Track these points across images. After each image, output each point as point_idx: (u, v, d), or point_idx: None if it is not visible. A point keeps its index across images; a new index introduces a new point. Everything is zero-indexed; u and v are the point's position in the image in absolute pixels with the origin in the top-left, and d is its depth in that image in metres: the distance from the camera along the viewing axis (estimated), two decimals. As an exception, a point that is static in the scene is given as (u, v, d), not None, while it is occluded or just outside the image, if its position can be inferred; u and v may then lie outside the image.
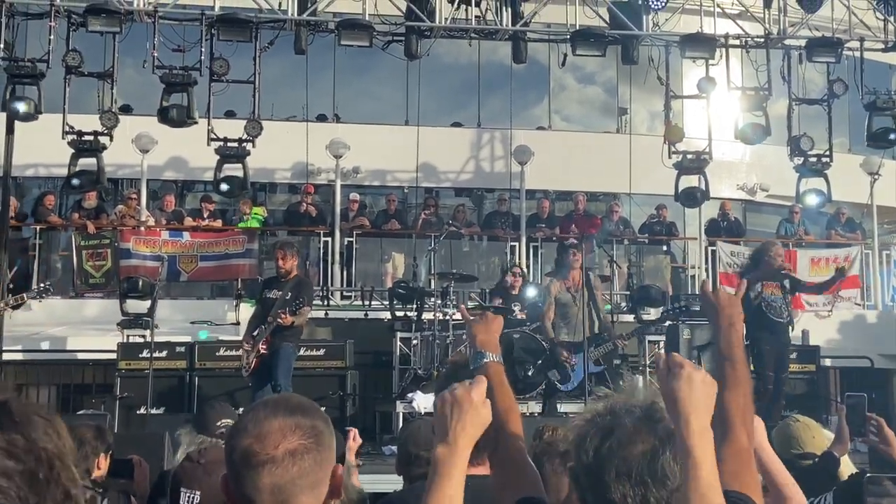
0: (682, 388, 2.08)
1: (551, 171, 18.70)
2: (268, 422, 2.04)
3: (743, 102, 14.05)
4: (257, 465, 1.99)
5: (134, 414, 11.27)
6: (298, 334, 10.17)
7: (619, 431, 2.17)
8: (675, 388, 2.09)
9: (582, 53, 13.95)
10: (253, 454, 1.99)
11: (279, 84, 17.65)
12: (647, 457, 2.13)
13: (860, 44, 14.12)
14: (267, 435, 2.01)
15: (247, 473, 2.00)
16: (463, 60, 19.12)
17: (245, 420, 2.09)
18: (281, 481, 1.99)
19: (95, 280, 14.68)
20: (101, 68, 13.11)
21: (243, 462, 2.01)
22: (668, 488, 2.11)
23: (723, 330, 2.81)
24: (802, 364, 12.32)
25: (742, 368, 2.69)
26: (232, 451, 2.05)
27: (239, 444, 2.03)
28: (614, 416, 2.21)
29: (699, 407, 2.08)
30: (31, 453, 1.41)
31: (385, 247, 16.78)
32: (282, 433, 2.01)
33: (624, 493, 2.12)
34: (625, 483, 2.12)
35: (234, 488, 2.03)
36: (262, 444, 2.00)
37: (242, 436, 2.03)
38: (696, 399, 2.08)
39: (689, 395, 2.08)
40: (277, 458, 1.99)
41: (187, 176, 18.52)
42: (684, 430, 2.06)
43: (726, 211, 17.22)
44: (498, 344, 2.87)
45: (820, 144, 14.08)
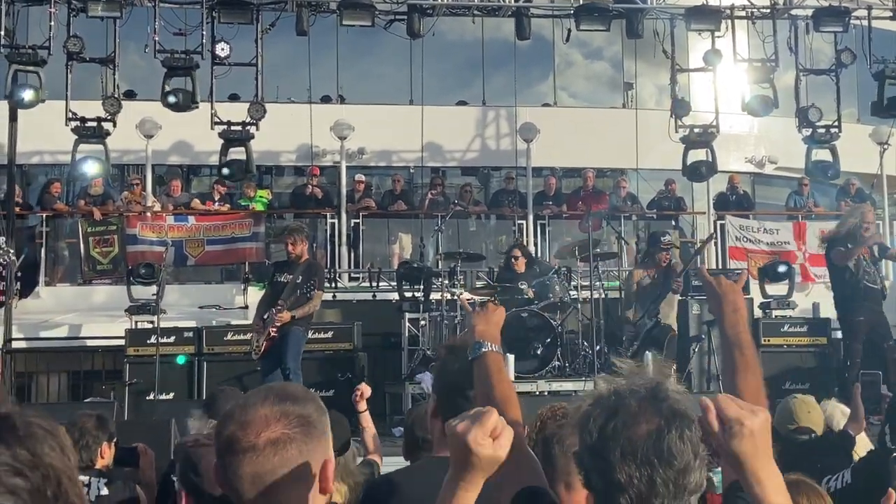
0: (745, 446, 1.95)
1: (557, 148, 18.60)
2: (254, 409, 1.99)
3: (750, 74, 13.91)
4: (238, 452, 1.95)
5: (143, 400, 11.28)
6: (309, 317, 10.14)
7: (623, 412, 2.09)
8: (736, 447, 1.95)
9: (586, 28, 13.84)
10: (235, 441, 1.96)
11: (282, 66, 17.58)
12: (652, 437, 2.05)
13: (868, 12, 13.97)
14: (251, 423, 1.97)
15: (229, 460, 1.97)
16: (467, 38, 19.01)
17: (234, 407, 2.05)
18: (261, 470, 1.95)
19: (103, 266, 14.69)
20: (104, 54, 13.05)
21: (226, 449, 1.98)
22: (674, 468, 2.04)
23: (727, 316, 2.77)
24: (813, 337, 12.24)
25: (750, 352, 2.65)
26: (218, 438, 2.02)
27: (224, 430, 2.00)
28: (618, 397, 2.14)
29: (763, 455, 1.96)
30: (38, 469, 1.41)
31: (392, 227, 16.75)
32: (265, 422, 1.97)
33: (630, 473, 2.05)
34: (630, 463, 2.04)
35: (221, 474, 2.00)
36: (244, 432, 1.96)
37: (229, 422, 2.00)
38: (760, 449, 1.96)
39: (754, 450, 1.95)
40: (258, 447, 1.95)
41: (193, 160, 18.50)
42: (758, 490, 1.96)
43: (735, 184, 17.11)
44: (498, 335, 2.82)
45: (828, 115, 13.93)
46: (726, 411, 1.98)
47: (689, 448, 2.04)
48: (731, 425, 1.96)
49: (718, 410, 1.99)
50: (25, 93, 12.30)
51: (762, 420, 1.97)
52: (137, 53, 14.30)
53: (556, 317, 11.49)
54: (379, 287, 14.63)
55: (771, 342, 12.05)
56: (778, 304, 12.84)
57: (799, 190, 16.73)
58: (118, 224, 14.78)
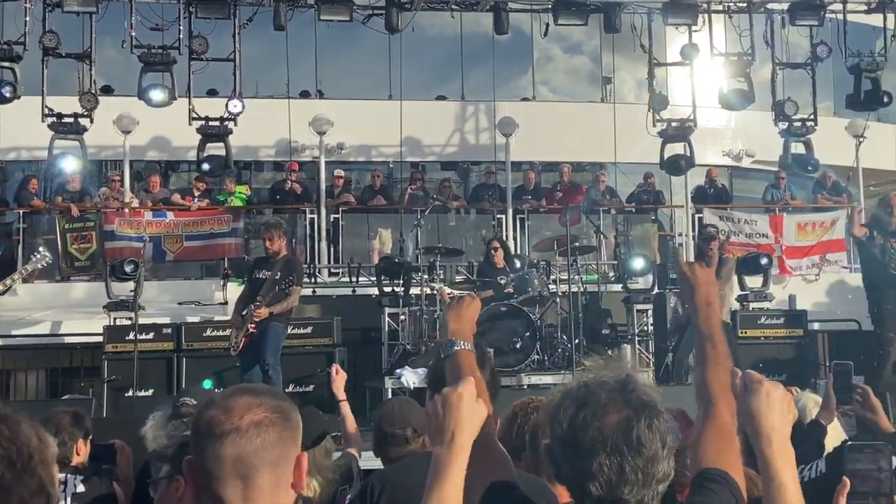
0: (761, 405, 2.10)
1: (537, 143, 18.64)
2: (234, 398, 2.05)
3: (727, 68, 13.99)
4: (221, 434, 1.98)
5: (122, 396, 11.25)
6: (288, 313, 10.13)
7: (592, 402, 2.16)
8: (753, 405, 2.10)
9: (564, 23, 13.87)
10: (217, 423, 2.00)
11: (261, 61, 17.52)
12: (621, 426, 2.12)
13: (843, 6, 14.06)
14: (233, 407, 2.02)
15: (209, 444, 1.99)
16: (446, 33, 19.01)
17: (214, 397, 2.11)
18: (244, 452, 1.98)
19: (81, 263, 14.61)
20: (80, 49, 12.98)
21: (207, 432, 2.00)
22: (643, 457, 2.11)
23: (700, 308, 2.76)
24: (790, 329, 12.36)
25: (722, 346, 2.67)
26: (197, 423, 2.05)
27: (204, 415, 2.03)
28: (588, 390, 2.19)
29: (780, 425, 2.10)
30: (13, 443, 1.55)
31: (371, 223, 16.72)
32: (248, 406, 2.03)
33: (600, 462, 2.10)
34: (600, 452, 2.10)
35: (198, 465, 2.02)
36: (227, 415, 2.00)
37: (210, 408, 2.04)
38: (777, 416, 2.10)
39: (769, 413, 2.10)
40: (242, 428, 1.99)
41: (171, 156, 18.43)
42: (766, 450, 2.08)
43: (713, 178, 17.19)
44: (471, 331, 2.82)
45: (805, 108, 14.03)
46: (752, 375, 2.16)
47: (658, 438, 2.11)
48: (752, 383, 2.13)
49: (745, 376, 2.16)
50: (4, 89, 12.23)
51: (782, 391, 2.14)
52: (114, 48, 14.23)
53: (535, 311, 11.54)
54: (358, 282, 14.63)
55: (748, 334, 12.16)
56: (755, 297, 12.96)
57: (776, 183, 16.83)
58: (96, 220, 14.71)
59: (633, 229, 17.16)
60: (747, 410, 2.11)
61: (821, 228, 15.83)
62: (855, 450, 2.39)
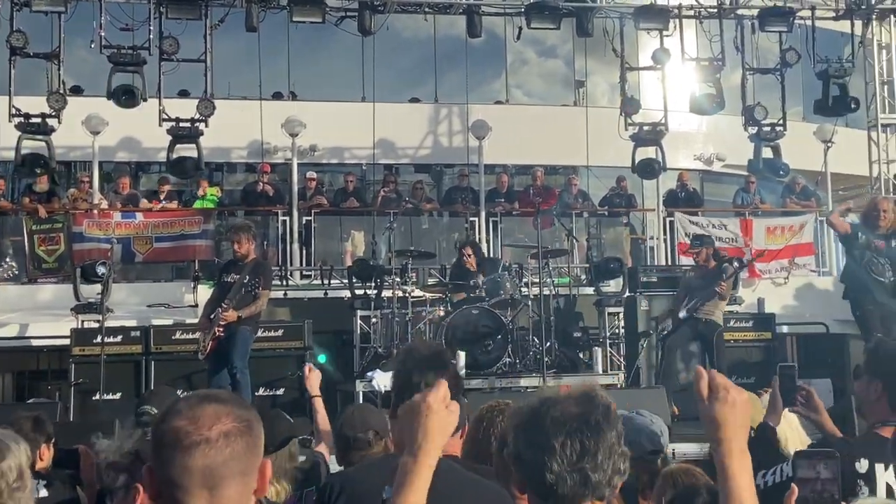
0: (725, 412, 2.11)
1: (510, 146, 18.67)
2: (201, 407, 2.02)
3: (697, 73, 14.09)
4: (190, 446, 1.96)
5: (89, 400, 11.14)
6: (257, 317, 10.06)
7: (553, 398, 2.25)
8: (718, 411, 2.11)
9: (537, 27, 13.92)
10: (185, 434, 1.97)
11: (233, 62, 17.45)
12: (581, 415, 2.17)
13: (812, 12, 14.21)
14: (200, 417, 1.99)
15: (177, 456, 1.97)
16: (420, 35, 19.02)
17: (177, 406, 2.06)
18: (213, 463, 1.96)
19: (48, 265, 14.45)
20: (49, 49, 12.86)
21: (174, 444, 1.97)
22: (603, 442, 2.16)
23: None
24: (759, 332, 12.44)
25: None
26: (162, 435, 2.01)
27: (170, 426, 2.00)
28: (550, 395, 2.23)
29: (740, 430, 2.11)
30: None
31: (344, 225, 16.67)
32: (216, 416, 2.00)
33: (562, 441, 2.14)
34: (561, 431, 2.14)
35: (161, 474, 1.99)
36: (195, 426, 1.98)
37: (174, 418, 2.00)
38: (738, 422, 2.11)
39: (733, 420, 2.11)
40: (211, 439, 1.97)
41: (141, 157, 18.31)
42: (725, 453, 2.09)
43: (684, 181, 17.28)
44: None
45: (774, 113, 14.15)
46: (717, 379, 2.16)
47: (615, 432, 2.18)
48: (718, 390, 2.14)
49: (710, 378, 2.17)
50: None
51: (746, 398, 2.14)
52: (84, 48, 14.12)
53: (507, 313, 11.54)
54: (330, 285, 14.58)
55: (718, 337, 12.19)
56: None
57: (746, 187, 16.95)
58: (64, 222, 14.55)
59: (605, 233, 17.22)
60: (711, 417, 2.12)
61: (790, 232, 15.96)
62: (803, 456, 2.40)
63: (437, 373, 3.01)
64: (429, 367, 3.06)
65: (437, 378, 2.99)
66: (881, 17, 15.03)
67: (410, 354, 3.19)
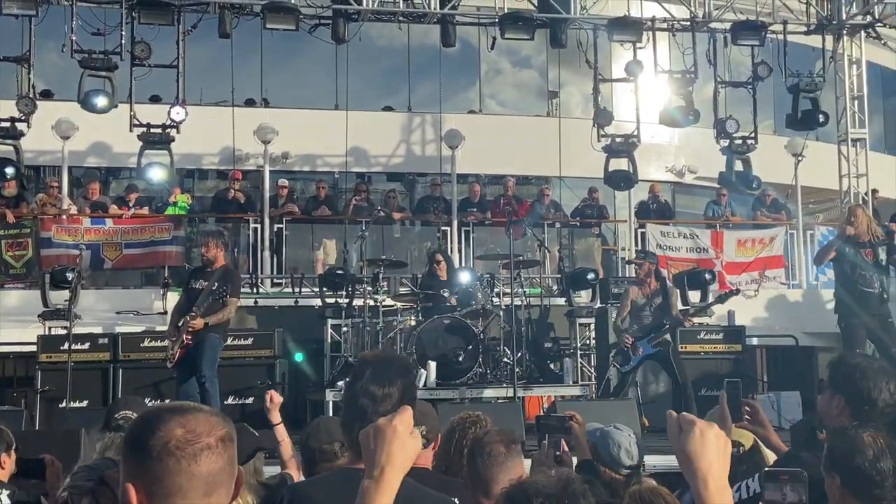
0: (694, 445, 2.08)
1: (482, 155, 18.70)
2: (192, 415, 2.02)
3: (670, 85, 14.17)
4: (195, 453, 1.96)
5: (56, 408, 11.01)
6: (225, 324, 9.99)
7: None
8: (687, 446, 2.09)
9: (511, 37, 13.94)
10: (188, 442, 1.96)
11: (206, 68, 17.34)
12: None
13: (783, 27, 14.33)
14: (197, 425, 1.99)
15: (179, 464, 1.95)
16: (394, 44, 18.99)
17: (162, 415, 2.02)
18: (215, 469, 1.97)
19: (16, 270, 14.28)
20: (19, 52, 12.72)
21: (178, 451, 1.95)
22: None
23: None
24: (728, 344, 12.51)
25: None
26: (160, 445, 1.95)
27: (168, 435, 1.96)
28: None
29: (714, 464, 2.07)
30: None
31: (316, 233, 16.60)
32: (209, 423, 2.01)
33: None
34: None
35: (157, 486, 1.94)
36: (195, 434, 1.97)
37: (168, 426, 1.97)
38: (711, 455, 2.07)
39: (704, 452, 2.07)
40: (212, 446, 1.98)
41: (111, 162, 18.15)
42: (703, 490, 2.06)
43: (656, 193, 17.38)
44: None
45: (746, 126, 14.25)
46: (686, 416, 2.15)
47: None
48: (685, 426, 2.12)
49: (679, 417, 2.15)
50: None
51: (717, 431, 2.12)
52: (55, 52, 13.98)
53: (478, 324, 11.53)
54: (301, 293, 14.51)
55: (688, 349, 12.27)
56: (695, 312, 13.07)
57: (717, 199, 17.07)
58: (32, 227, 14.40)
59: (577, 243, 17.26)
60: (682, 451, 2.10)
61: (760, 245, 16.08)
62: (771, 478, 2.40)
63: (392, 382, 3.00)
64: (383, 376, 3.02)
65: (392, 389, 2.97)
66: (852, 32, 15.19)
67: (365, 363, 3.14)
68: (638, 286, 11.18)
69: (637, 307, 11.03)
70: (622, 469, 4.00)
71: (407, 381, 3.05)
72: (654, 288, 10.97)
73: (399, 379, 3.01)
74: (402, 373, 3.06)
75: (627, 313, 11.02)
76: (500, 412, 9.52)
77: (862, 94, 15.50)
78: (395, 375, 3.01)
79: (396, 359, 3.26)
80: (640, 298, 11.05)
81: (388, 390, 2.96)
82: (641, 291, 11.10)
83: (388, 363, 3.11)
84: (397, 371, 3.05)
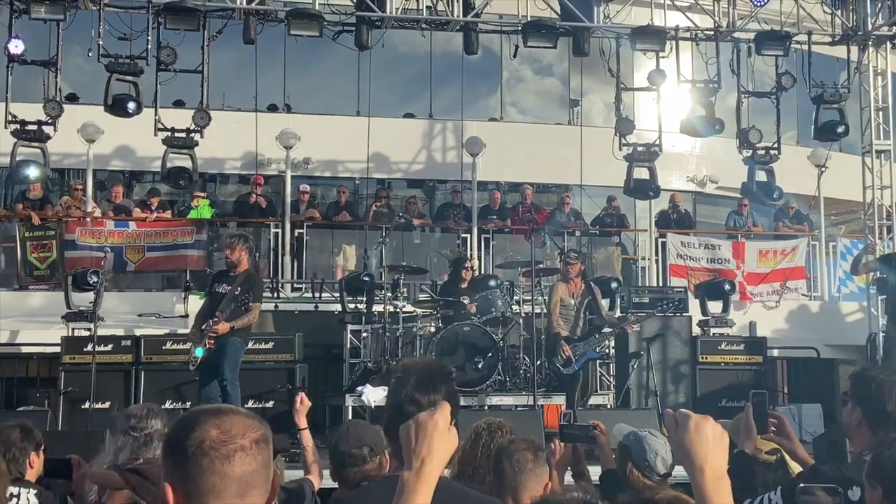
0: (690, 437, 2.12)
1: (503, 163, 18.71)
2: (227, 417, 2.06)
3: (692, 95, 14.14)
4: (229, 454, 2.00)
5: (79, 409, 11.09)
6: (248, 328, 10.04)
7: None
8: (683, 438, 2.12)
9: (533, 45, 13.94)
10: (222, 443, 2.01)
11: (229, 74, 17.43)
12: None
13: (808, 37, 14.28)
14: (233, 427, 2.04)
15: (216, 463, 1.99)
16: (416, 50, 19.04)
17: (198, 417, 2.07)
18: (248, 470, 2.01)
19: (40, 272, 14.40)
20: (46, 56, 12.83)
21: (212, 452, 2.00)
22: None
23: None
24: (749, 355, 12.46)
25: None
26: (196, 445, 2.01)
27: (204, 435, 2.01)
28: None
29: (711, 454, 2.10)
30: None
31: (336, 239, 16.66)
32: (244, 425, 2.05)
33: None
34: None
35: (192, 486, 1.99)
36: (230, 435, 2.02)
37: (203, 428, 2.02)
38: (707, 446, 2.11)
39: (700, 443, 2.11)
40: (246, 447, 2.02)
41: (135, 166, 18.28)
42: (699, 480, 2.09)
43: (676, 203, 17.34)
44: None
45: (769, 137, 14.20)
46: (682, 412, 2.19)
47: None
48: (680, 419, 2.16)
49: (677, 413, 2.19)
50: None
51: (713, 424, 2.15)
52: (82, 56, 14.09)
53: (497, 331, 11.54)
54: (321, 298, 14.56)
55: (708, 359, 12.26)
56: (716, 322, 13.05)
57: (739, 210, 17.01)
58: (57, 229, 14.52)
59: (597, 252, 17.24)
60: (679, 444, 2.14)
61: (781, 256, 16.01)
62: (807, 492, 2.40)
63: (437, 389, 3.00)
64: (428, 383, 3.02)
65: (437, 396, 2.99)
66: (877, 43, 15.10)
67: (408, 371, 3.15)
68: (565, 283, 11.21)
69: (566, 306, 11.06)
70: (655, 476, 4.02)
71: (450, 387, 3.07)
72: (580, 289, 11.01)
73: (443, 386, 3.02)
74: (445, 379, 3.07)
75: (559, 311, 11.06)
76: (520, 420, 9.52)
77: (887, 106, 15.40)
78: (439, 382, 3.01)
79: (439, 366, 3.26)
80: (569, 298, 11.09)
81: (433, 397, 2.95)
82: (569, 290, 11.11)
83: (432, 370, 3.11)
84: (441, 378, 3.06)
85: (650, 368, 11.89)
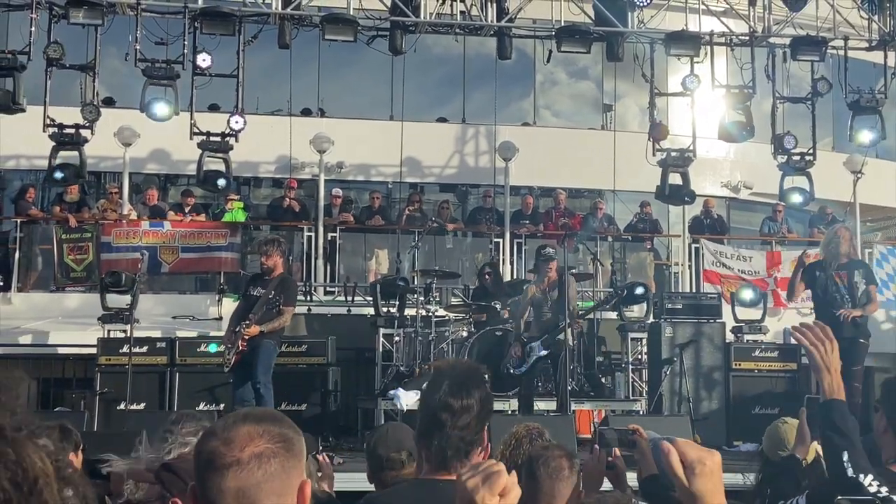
0: (705, 483, 2.05)
1: (536, 168, 18.69)
2: (236, 427, 2.03)
3: (727, 100, 14.04)
4: (222, 467, 1.98)
5: (114, 409, 11.21)
6: (280, 331, 10.12)
7: None
8: (698, 486, 2.05)
9: (567, 50, 13.92)
10: (218, 456, 1.99)
11: (264, 78, 17.55)
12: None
13: (844, 42, 14.14)
14: (234, 438, 2.00)
15: (211, 476, 1.99)
16: (450, 54, 19.07)
17: (214, 426, 2.10)
18: (245, 485, 1.97)
19: (76, 274, 14.58)
20: (84, 60, 12.98)
21: (209, 464, 2.00)
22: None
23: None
24: (784, 362, 12.36)
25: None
26: (199, 455, 2.04)
27: (206, 447, 2.02)
28: None
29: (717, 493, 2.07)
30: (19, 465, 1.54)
31: (369, 242, 16.73)
32: (249, 437, 2.01)
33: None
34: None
35: (200, 493, 2.02)
36: (228, 447, 1.99)
37: (210, 439, 2.03)
38: (717, 487, 2.07)
39: (712, 487, 2.06)
40: (243, 461, 1.98)
41: (170, 169, 18.45)
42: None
43: (710, 208, 17.24)
44: None
45: (804, 142, 14.08)
46: (688, 454, 2.06)
47: None
48: (694, 466, 2.04)
49: (680, 454, 2.06)
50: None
51: (718, 460, 2.08)
52: (118, 60, 14.24)
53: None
54: (354, 301, 14.61)
55: (742, 366, 12.17)
56: (750, 329, 12.96)
57: (773, 216, 16.88)
58: (93, 231, 14.69)
59: (630, 258, 17.18)
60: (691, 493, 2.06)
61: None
62: None
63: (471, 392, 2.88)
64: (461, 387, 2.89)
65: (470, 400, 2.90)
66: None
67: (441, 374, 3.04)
68: (537, 283, 11.09)
69: (536, 303, 10.96)
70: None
71: (485, 392, 2.93)
72: (551, 281, 10.86)
73: (477, 390, 2.89)
74: (479, 383, 2.93)
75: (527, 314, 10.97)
76: (553, 425, 9.48)
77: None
78: (473, 387, 2.89)
79: (473, 369, 3.09)
80: (538, 293, 10.98)
81: (467, 402, 2.84)
82: (538, 287, 11.01)
83: (465, 374, 2.96)
84: (475, 382, 2.92)
85: (683, 375, 11.83)
